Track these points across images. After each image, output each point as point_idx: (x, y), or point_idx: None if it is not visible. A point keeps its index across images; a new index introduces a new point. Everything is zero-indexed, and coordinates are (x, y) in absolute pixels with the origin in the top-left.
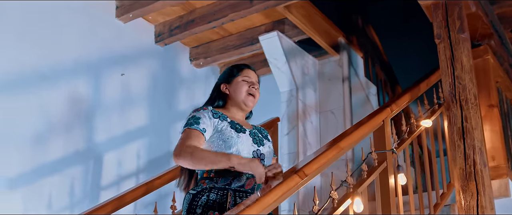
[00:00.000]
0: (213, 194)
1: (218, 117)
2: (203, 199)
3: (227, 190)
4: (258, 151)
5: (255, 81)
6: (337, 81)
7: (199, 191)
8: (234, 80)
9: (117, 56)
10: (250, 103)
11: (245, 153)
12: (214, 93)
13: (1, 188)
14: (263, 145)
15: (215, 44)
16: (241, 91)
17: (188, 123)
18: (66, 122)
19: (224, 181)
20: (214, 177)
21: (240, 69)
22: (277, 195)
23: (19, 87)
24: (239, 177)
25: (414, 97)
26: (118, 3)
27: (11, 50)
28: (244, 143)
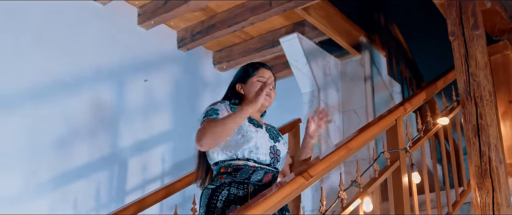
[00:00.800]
0: (233, 188)
1: (235, 110)
2: (224, 193)
3: (247, 184)
4: (274, 146)
5: (270, 81)
6: (359, 81)
7: (218, 185)
8: (249, 81)
9: (140, 63)
10: (266, 104)
11: (263, 148)
12: (229, 92)
13: (29, 193)
14: (278, 141)
15: (237, 47)
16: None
17: (207, 114)
18: (90, 128)
19: (243, 175)
20: (232, 172)
21: (256, 68)
22: (280, 196)
23: (43, 96)
24: (257, 171)
25: (430, 95)
26: (140, 11)
27: (35, 60)
28: (262, 138)
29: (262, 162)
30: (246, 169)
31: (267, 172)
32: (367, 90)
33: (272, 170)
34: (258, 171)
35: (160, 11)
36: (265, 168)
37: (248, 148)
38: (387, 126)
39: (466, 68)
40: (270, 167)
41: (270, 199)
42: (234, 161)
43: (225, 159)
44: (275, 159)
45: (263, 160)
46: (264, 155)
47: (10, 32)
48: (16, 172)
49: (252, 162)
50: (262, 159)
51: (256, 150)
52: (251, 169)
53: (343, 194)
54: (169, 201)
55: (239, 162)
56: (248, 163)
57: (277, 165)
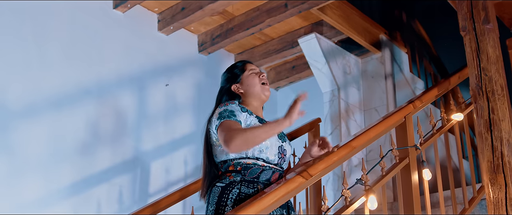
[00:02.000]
0: (244, 187)
1: (245, 111)
2: (234, 191)
3: (257, 183)
4: (282, 146)
5: (260, 70)
6: (380, 78)
7: (228, 183)
8: (242, 77)
9: (161, 68)
10: (267, 93)
11: (273, 148)
12: (226, 95)
13: (52, 198)
14: (285, 141)
15: (258, 49)
16: (255, 83)
17: (224, 115)
18: (112, 134)
19: (253, 174)
20: (241, 170)
21: (241, 65)
22: (277, 196)
23: (66, 103)
24: (266, 170)
25: (443, 91)
26: (160, 17)
27: (58, 68)
28: (272, 137)
29: (270, 161)
30: (255, 168)
31: (274, 171)
32: (388, 88)
33: (279, 170)
34: (266, 170)
35: (178, 16)
36: (273, 167)
37: (258, 148)
38: (395, 123)
39: (478, 63)
40: (277, 166)
41: (266, 198)
42: (244, 159)
43: (235, 157)
44: (282, 159)
45: (271, 159)
46: (273, 154)
47: (34, 42)
48: (39, 177)
49: (261, 161)
50: (270, 159)
51: (266, 149)
52: (260, 168)
53: (347, 193)
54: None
55: (248, 160)
56: (257, 162)
57: (283, 165)
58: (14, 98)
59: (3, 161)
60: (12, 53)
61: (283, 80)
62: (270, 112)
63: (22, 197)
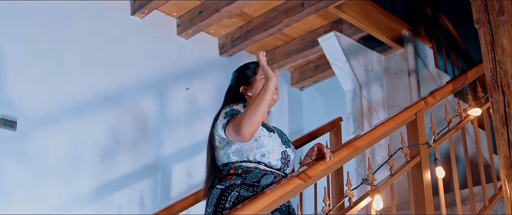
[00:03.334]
0: (243, 190)
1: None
2: (233, 194)
3: (257, 187)
4: (285, 152)
5: None
6: (403, 75)
7: (228, 186)
8: (253, 80)
9: (181, 72)
10: (276, 97)
11: (275, 152)
12: (232, 96)
13: (73, 204)
14: (289, 147)
15: (280, 50)
16: None
17: (229, 114)
18: (132, 139)
19: (253, 178)
20: (242, 174)
21: (254, 68)
22: (272, 198)
23: (85, 110)
24: (267, 175)
25: (459, 86)
26: (178, 21)
27: (76, 76)
28: (275, 142)
29: (272, 166)
30: (256, 172)
31: (276, 176)
32: (412, 84)
33: (281, 175)
34: (268, 175)
35: (196, 20)
36: (275, 172)
37: (260, 152)
38: (404, 121)
39: (493, 56)
40: (280, 171)
41: (261, 200)
42: (245, 163)
43: (236, 161)
44: (285, 164)
45: (274, 164)
46: (276, 159)
47: (53, 51)
48: (60, 184)
49: (263, 165)
50: (273, 164)
51: (268, 154)
52: (261, 172)
53: (351, 193)
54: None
55: (249, 164)
56: (259, 166)
57: (287, 170)
58: (34, 107)
59: (24, 169)
60: (31, 62)
61: (307, 80)
62: (296, 112)
63: (43, 204)
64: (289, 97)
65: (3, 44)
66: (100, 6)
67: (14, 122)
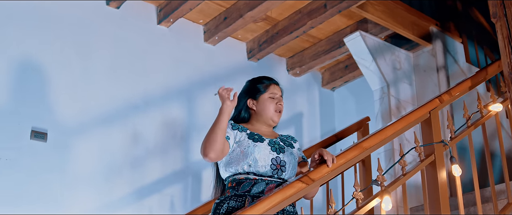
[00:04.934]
0: (232, 201)
1: (237, 128)
2: (224, 206)
3: (245, 196)
4: (277, 158)
5: (279, 96)
6: (432, 72)
7: (222, 199)
8: (260, 98)
9: (209, 78)
10: (277, 119)
11: (262, 160)
12: (241, 106)
13: (105, 211)
14: (283, 152)
15: (308, 52)
16: (270, 110)
17: None
18: (162, 146)
19: (244, 188)
20: (235, 186)
21: (266, 85)
22: (272, 202)
23: (113, 119)
24: (258, 183)
25: (478, 82)
26: (205, 28)
27: (104, 86)
28: (261, 152)
29: (262, 174)
30: (247, 182)
31: (269, 183)
32: (441, 80)
33: (276, 181)
34: (259, 183)
35: (222, 26)
36: (267, 179)
37: (247, 163)
38: (417, 120)
39: (510, 50)
40: (273, 178)
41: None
42: (237, 175)
43: (231, 174)
44: (278, 170)
45: (263, 172)
46: (264, 167)
47: (80, 63)
48: (91, 192)
49: (252, 175)
50: (262, 171)
51: (254, 163)
52: (252, 181)
53: (359, 195)
54: None
55: (241, 176)
56: (249, 176)
57: (282, 175)
58: (64, 118)
59: (56, 178)
60: (59, 74)
61: (338, 80)
62: (327, 113)
63: (74, 211)
64: (320, 98)
65: (32, 57)
66: (126, 17)
67: (45, 133)
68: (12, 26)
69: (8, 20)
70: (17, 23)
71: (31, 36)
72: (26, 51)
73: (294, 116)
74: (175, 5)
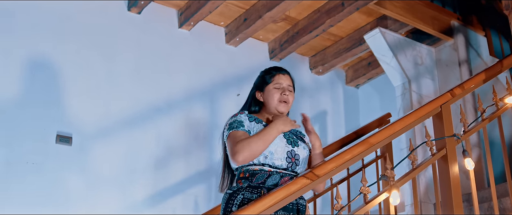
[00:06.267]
0: (247, 192)
1: (253, 120)
2: (239, 197)
3: (261, 188)
4: (292, 151)
5: (286, 86)
6: (454, 66)
7: (235, 190)
8: (266, 88)
9: (231, 79)
10: (283, 109)
11: (278, 153)
12: (250, 99)
13: (129, 211)
14: (297, 146)
15: (330, 50)
16: (274, 100)
17: (233, 126)
18: (185, 147)
19: (259, 179)
20: (249, 177)
21: (272, 75)
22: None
23: (136, 122)
24: (273, 175)
25: (493, 75)
26: (226, 30)
27: (127, 90)
28: (278, 144)
29: (278, 166)
30: (261, 173)
31: (283, 176)
32: (463, 74)
33: (289, 174)
34: (273, 175)
35: (242, 27)
36: (282, 172)
37: (263, 154)
38: (427, 115)
39: None
40: (288, 171)
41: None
42: (251, 166)
43: (244, 165)
44: (293, 163)
45: (279, 164)
46: (280, 159)
47: (103, 68)
48: (116, 194)
49: (267, 166)
50: (277, 164)
51: (271, 155)
52: (267, 173)
53: (367, 190)
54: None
55: (255, 167)
56: (264, 168)
57: (296, 169)
58: (88, 122)
59: (81, 181)
60: (83, 79)
61: (362, 78)
62: (352, 110)
63: (99, 212)
64: (344, 96)
65: (56, 63)
66: (147, 22)
67: (70, 137)
68: (37, 34)
69: (33, 29)
70: (42, 31)
71: (55, 44)
72: (51, 58)
73: (318, 114)
74: (195, 9)
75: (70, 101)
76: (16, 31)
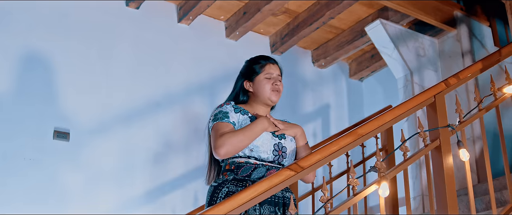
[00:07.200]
0: (232, 185)
1: (239, 111)
2: (224, 190)
3: (246, 181)
4: (279, 144)
5: (276, 75)
6: (457, 57)
7: (220, 183)
8: (256, 79)
9: (232, 73)
10: (275, 99)
11: (264, 146)
12: (238, 89)
13: (128, 206)
14: (285, 138)
15: (332, 43)
16: (266, 90)
17: (217, 117)
18: (184, 141)
19: (244, 172)
20: (234, 169)
21: (261, 65)
22: (257, 190)
23: (136, 117)
24: (258, 168)
25: (489, 65)
26: (226, 24)
27: (125, 86)
28: (264, 137)
29: (264, 159)
30: (247, 166)
31: (269, 169)
32: (466, 66)
33: (276, 167)
34: (259, 168)
35: (241, 21)
36: (268, 165)
37: (248, 147)
38: (419, 105)
39: None
40: (274, 163)
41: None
42: (237, 158)
43: (230, 157)
44: (280, 156)
45: (265, 157)
46: (266, 152)
47: (101, 64)
48: (114, 188)
49: (253, 159)
50: (264, 157)
51: (256, 148)
52: (252, 166)
53: (355, 182)
54: None
55: (241, 159)
56: (249, 161)
57: (283, 161)
58: (86, 117)
59: (79, 176)
60: (81, 75)
61: (365, 70)
62: (356, 104)
63: (98, 207)
64: (348, 89)
65: (53, 59)
66: (146, 17)
67: (67, 133)
68: (35, 30)
69: (30, 23)
70: (40, 27)
71: (53, 40)
72: (48, 54)
73: (321, 108)
74: (193, 3)
75: (67, 97)
76: (14, 27)
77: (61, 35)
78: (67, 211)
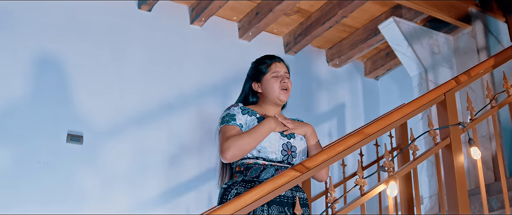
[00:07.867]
0: (241, 187)
1: (246, 112)
2: (233, 192)
3: (255, 182)
4: (288, 143)
5: (283, 73)
6: (473, 54)
7: (230, 185)
8: (264, 78)
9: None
10: (284, 98)
11: (272, 146)
12: (247, 90)
13: (142, 208)
14: (294, 137)
15: (346, 42)
16: (274, 89)
17: (224, 120)
18: (198, 143)
19: (253, 173)
20: (243, 171)
21: (267, 64)
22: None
23: (149, 119)
24: (267, 169)
25: (501, 61)
26: (239, 25)
27: (138, 88)
28: (271, 137)
29: (272, 159)
30: (256, 167)
31: (278, 169)
32: None
33: (285, 167)
34: (268, 169)
35: (254, 21)
36: (276, 165)
37: (256, 148)
38: (429, 103)
39: None
40: (283, 163)
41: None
42: (246, 160)
43: (239, 159)
44: (289, 156)
45: (273, 158)
46: (274, 153)
47: (114, 66)
48: (128, 190)
49: (261, 160)
50: (272, 157)
51: (264, 149)
52: (261, 167)
53: (362, 181)
54: None
55: (249, 160)
56: (258, 161)
57: (293, 161)
58: (99, 120)
59: (93, 179)
60: (94, 78)
61: (380, 69)
62: (372, 103)
63: (112, 209)
64: (363, 88)
65: (67, 62)
66: (158, 19)
67: (81, 136)
68: (48, 34)
69: (42, 26)
70: (52, 30)
71: (66, 43)
72: (61, 57)
73: (336, 107)
74: (205, 4)
75: (81, 100)
76: (27, 31)
77: (73, 37)
78: (82, 211)
